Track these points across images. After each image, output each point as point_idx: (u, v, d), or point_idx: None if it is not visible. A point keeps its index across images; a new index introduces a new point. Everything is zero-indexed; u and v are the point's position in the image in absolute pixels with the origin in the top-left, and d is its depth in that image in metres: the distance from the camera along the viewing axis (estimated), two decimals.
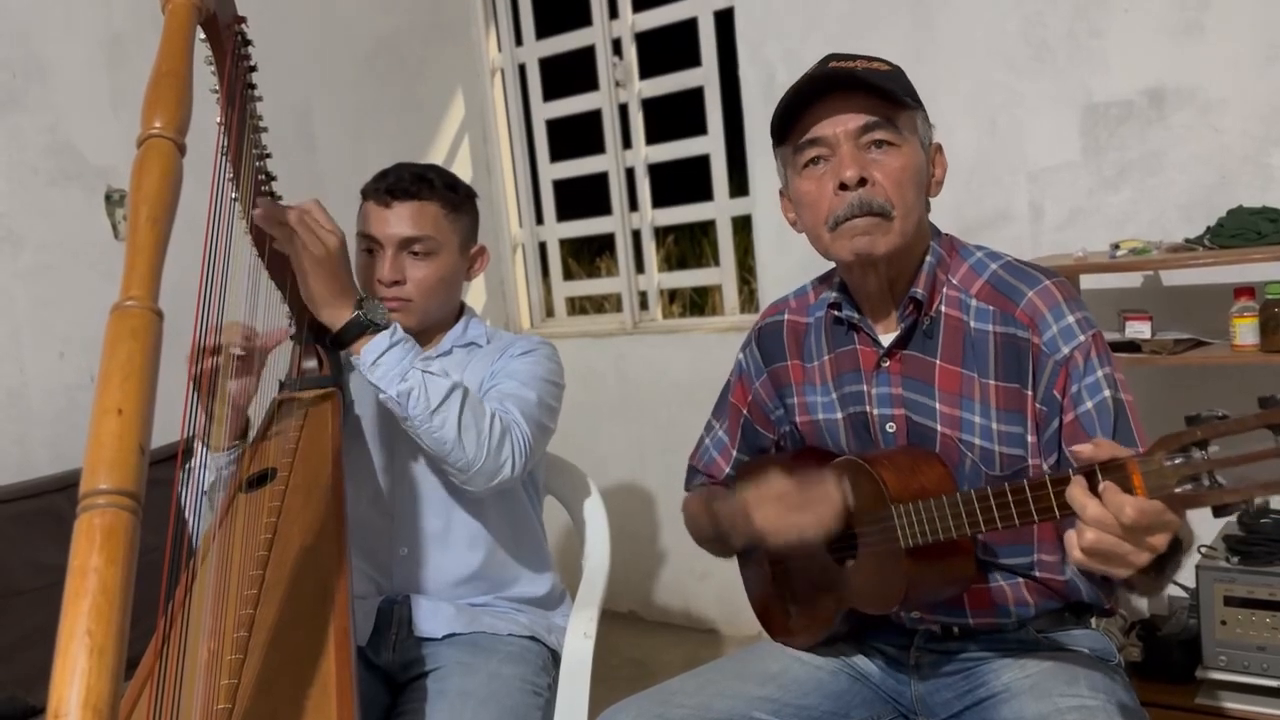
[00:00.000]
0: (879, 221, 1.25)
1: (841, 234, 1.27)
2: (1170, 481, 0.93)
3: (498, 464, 1.47)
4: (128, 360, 0.66)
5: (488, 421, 1.46)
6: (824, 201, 1.27)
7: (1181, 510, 0.96)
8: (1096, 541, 0.96)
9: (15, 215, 2.35)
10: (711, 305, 5.17)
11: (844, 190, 1.25)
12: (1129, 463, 0.96)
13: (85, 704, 0.54)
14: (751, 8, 2.86)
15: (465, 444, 1.43)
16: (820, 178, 1.28)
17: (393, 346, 1.42)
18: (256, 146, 1.38)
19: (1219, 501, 0.91)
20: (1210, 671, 1.99)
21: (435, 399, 1.41)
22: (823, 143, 1.27)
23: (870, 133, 1.25)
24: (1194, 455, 0.92)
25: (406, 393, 1.41)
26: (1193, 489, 0.92)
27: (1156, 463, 0.94)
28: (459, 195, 1.68)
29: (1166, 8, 2.26)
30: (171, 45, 0.89)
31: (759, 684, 1.38)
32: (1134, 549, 0.96)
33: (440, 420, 1.42)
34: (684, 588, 3.24)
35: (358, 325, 1.42)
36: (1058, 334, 1.24)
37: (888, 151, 1.26)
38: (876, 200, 1.25)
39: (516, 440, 1.50)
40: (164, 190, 0.77)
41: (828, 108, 1.26)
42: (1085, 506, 0.97)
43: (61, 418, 2.39)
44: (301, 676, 1.02)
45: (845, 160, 1.25)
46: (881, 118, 1.25)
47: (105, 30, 2.51)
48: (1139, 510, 0.93)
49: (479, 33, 3.55)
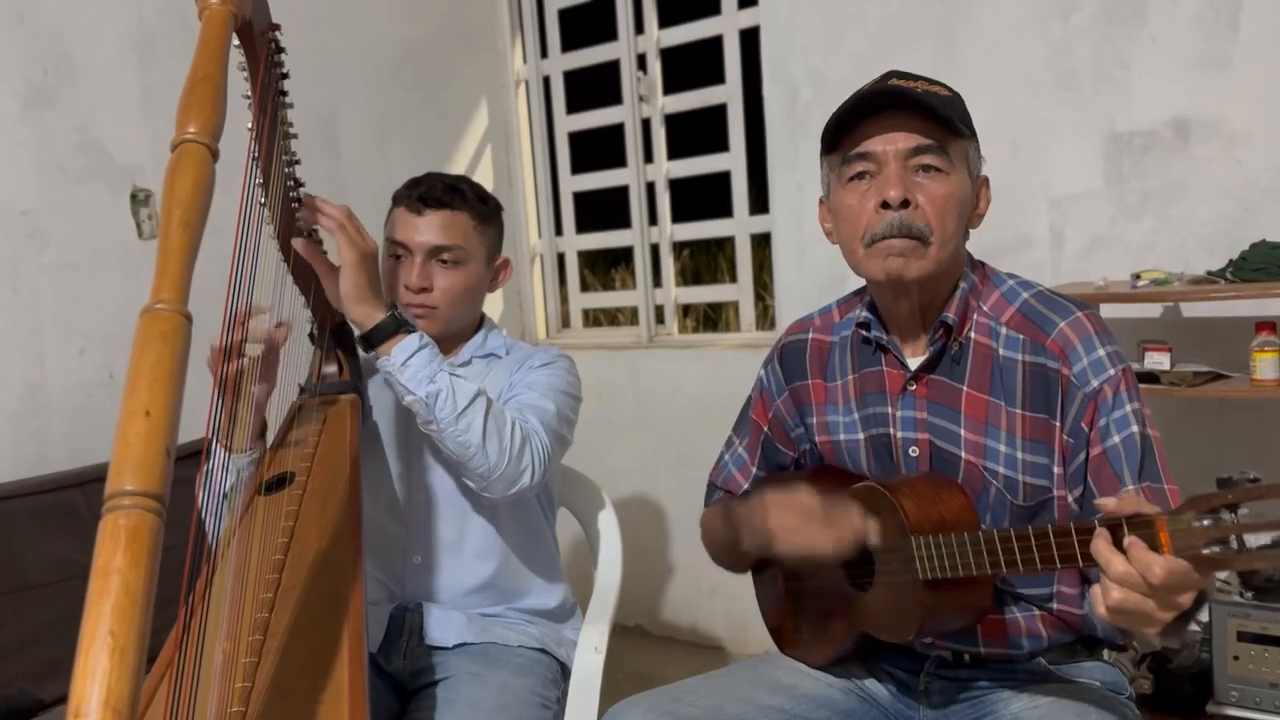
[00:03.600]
0: (915, 245, 1.24)
1: (876, 252, 1.26)
2: (1199, 543, 0.92)
3: (518, 471, 1.48)
4: (156, 363, 0.67)
5: (509, 429, 1.47)
6: (863, 217, 1.27)
7: (1208, 572, 0.94)
8: (1123, 600, 0.96)
9: (42, 212, 2.37)
10: (726, 321, 5.16)
11: (885, 209, 1.24)
12: (1157, 520, 0.95)
13: (106, 704, 0.54)
14: (777, 27, 2.86)
15: (488, 449, 1.44)
16: (864, 193, 1.27)
17: (422, 348, 1.44)
18: (286, 153, 1.39)
19: (1246, 566, 0.91)
20: (1221, 707, 1.97)
21: (462, 402, 1.42)
22: (871, 158, 1.26)
23: (920, 155, 1.24)
24: (1224, 518, 0.91)
25: (435, 394, 1.41)
26: (1220, 551, 0.91)
27: (1185, 522, 0.93)
28: (489, 208, 1.70)
29: (1194, 39, 2.26)
30: (207, 51, 0.90)
31: (770, 693, 1.37)
32: (1158, 608, 0.96)
33: (466, 424, 1.42)
34: (692, 604, 3.23)
35: (392, 323, 1.43)
36: (1088, 366, 1.23)
37: (934, 177, 1.25)
38: (916, 224, 1.24)
39: (536, 449, 1.50)
40: (196, 194, 0.78)
41: (882, 124, 1.24)
42: (1110, 562, 0.96)
43: (80, 414, 2.41)
44: (315, 681, 1.02)
45: (891, 179, 1.24)
46: (934, 142, 1.24)
47: (137, 31, 2.53)
48: (1168, 570, 0.92)
49: (505, 44, 3.58)
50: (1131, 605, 0.96)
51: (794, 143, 2.78)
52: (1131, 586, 0.95)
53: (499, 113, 3.58)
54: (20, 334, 2.34)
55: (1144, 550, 0.94)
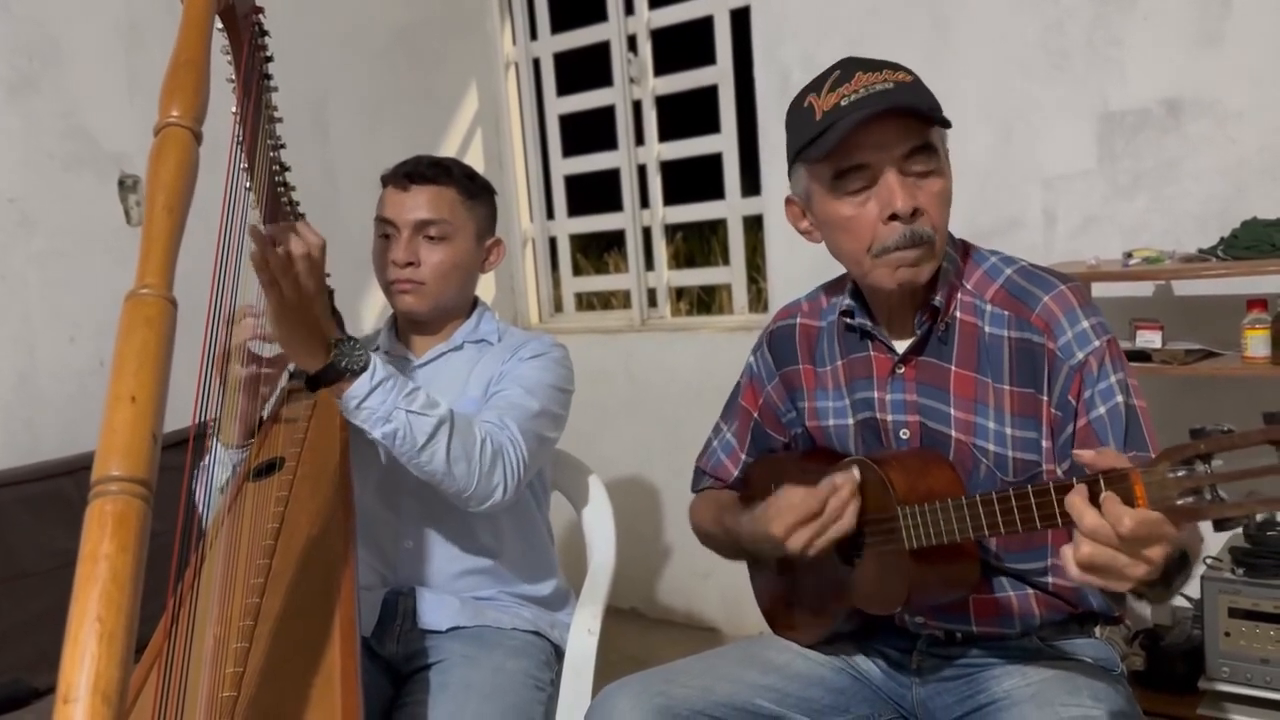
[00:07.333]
0: (925, 251, 1.24)
1: (887, 263, 1.24)
2: (1172, 493, 0.93)
3: (489, 489, 1.47)
4: (142, 348, 0.66)
5: (478, 449, 1.45)
6: (866, 229, 1.24)
7: (1181, 523, 0.95)
8: (1092, 554, 0.96)
9: (29, 199, 2.35)
10: (719, 304, 5.16)
11: (894, 220, 1.22)
12: (1132, 473, 0.96)
13: (94, 689, 0.54)
14: (768, 7, 2.85)
15: (455, 474, 1.43)
16: (861, 204, 1.24)
17: (374, 390, 1.37)
18: (271, 137, 1.38)
19: (1219, 515, 0.91)
20: (1213, 683, 1.98)
21: (421, 437, 1.39)
22: (867, 168, 1.23)
23: (913, 158, 1.22)
24: (1197, 468, 0.92)
25: (392, 434, 1.39)
26: (1194, 502, 0.92)
27: (1160, 474, 0.94)
28: (476, 185, 1.69)
29: (1187, 17, 2.25)
30: (190, 34, 0.89)
31: (762, 672, 1.38)
32: (1130, 561, 0.96)
33: (428, 456, 1.41)
34: (687, 586, 3.24)
35: (333, 371, 1.36)
36: (1073, 339, 1.24)
37: (929, 176, 1.24)
38: (925, 230, 1.23)
39: (510, 462, 1.49)
40: (180, 179, 0.77)
41: (870, 130, 1.20)
42: (1083, 515, 0.97)
43: (71, 402, 2.40)
44: (307, 666, 1.02)
45: (896, 191, 1.21)
46: (923, 141, 1.22)
47: (122, 16, 2.51)
48: (1137, 521, 0.93)
49: (494, 26, 3.55)
50: (1102, 560, 0.96)
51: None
52: (1102, 540, 0.95)
53: (489, 96, 3.56)
54: (10, 323, 2.33)
55: (1116, 504, 0.95)
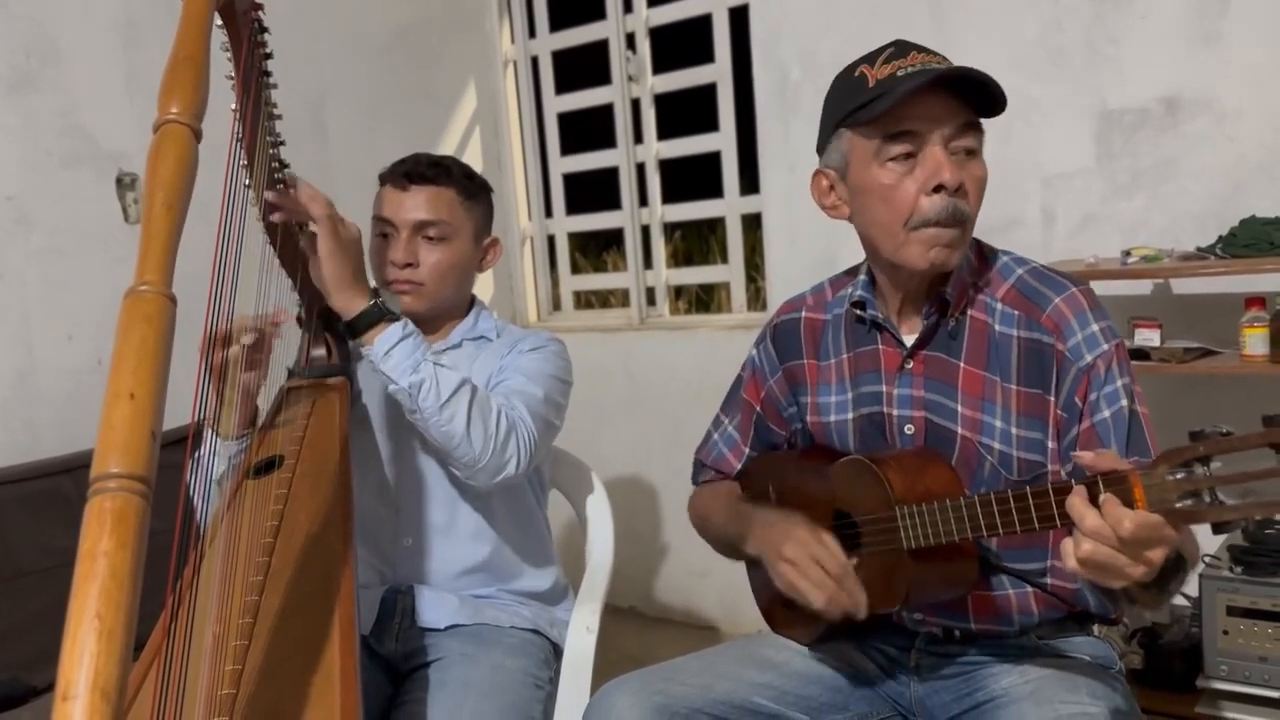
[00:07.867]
0: (960, 234, 1.23)
1: (922, 239, 1.23)
2: (1171, 496, 0.93)
3: (502, 460, 1.47)
4: (141, 345, 0.66)
5: (494, 418, 1.46)
6: (906, 201, 1.22)
7: (1180, 526, 0.96)
8: (1093, 553, 0.96)
9: (27, 197, 2.35)
10: (718, 303, 5.16)
11: (936, 193, 1.21)
12: (1131, 475, 0.96)
13: (93, 686, 0.54)
14: (767, 6, 2.84)
15: (473, 439, 1.43)
16: (903, 174, 1.22)
17: (405, 338, 1.42)
18: (270, 134, 1.38)
19: (1218, 518, 0.91)
20: (1211, 681, 1.98)
21: (446, 392, 1.41)
22: (916, 135, 1.21)
23: (963, 136, 1.22)
24: (1196, 471, 0.92)
25: (419, 384, 1.40)
26: (1193, 504, 0.92)
27: (1159, 476, 0.94)
28: (475, 184, 1.69)
29: (1185, 16, 2.25)
30: (189, 30, 0.89)
31: (760, 670, 1.38)
32: (1130, 562, 0.96)
33: (449, 414, 1.42)
34: (685, 585, 3.24)
35: (375, 312, 1.42)
36: (1082, 341, 1.24)
37: (973, 159, 1.23)
38: (965, 209, 1.22)
39: (522, 437, 1.50)
40: (179, 176, 0.77)
41: (924, 101, 1.20)
42: (1084, 517, 0.97)
43: (70, 400, 2.40)
44: (306, 664, 1.02)
45: (943, 161, 1.20)
46: (973, 118, 1.22)
47: (121, 14, 2.50)
48: (1137, 524, 0.93)
49: (493, 24, 3.55)
50: (1102, 558, 0.96)
51: (784, 123, 2.77)
52: (1103, 540, 0.96)
53: (487, 94, 3.55)
54: (8, 321, 2.32)
55: (1117, 505, 0.95)
